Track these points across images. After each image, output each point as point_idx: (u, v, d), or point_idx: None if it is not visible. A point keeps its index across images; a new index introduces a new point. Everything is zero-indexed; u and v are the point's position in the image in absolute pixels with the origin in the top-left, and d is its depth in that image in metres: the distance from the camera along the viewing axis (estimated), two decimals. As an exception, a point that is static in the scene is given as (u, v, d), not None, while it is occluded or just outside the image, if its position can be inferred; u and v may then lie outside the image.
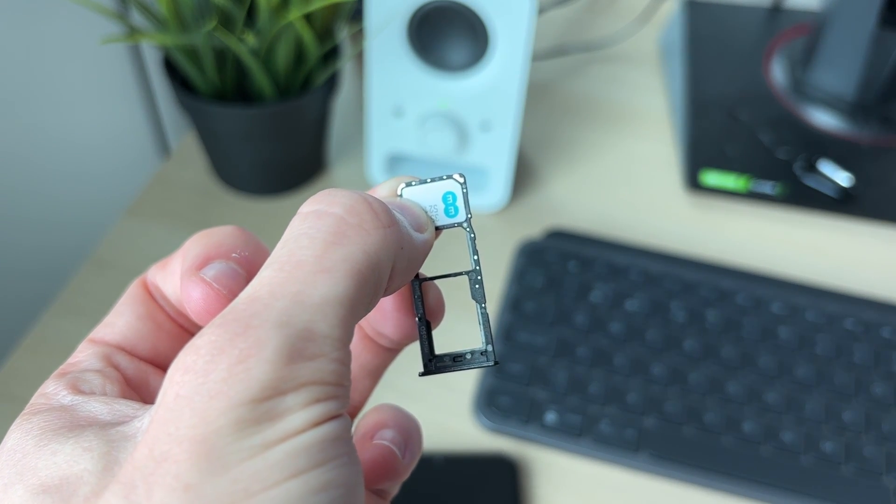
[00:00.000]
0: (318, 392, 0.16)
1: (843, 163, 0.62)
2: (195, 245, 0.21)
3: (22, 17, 0.54)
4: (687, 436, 0.47)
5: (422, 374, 0.21)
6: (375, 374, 0.24)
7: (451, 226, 0.21)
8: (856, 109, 0.65)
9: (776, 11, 0.75)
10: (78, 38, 0.59)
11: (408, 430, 0.23)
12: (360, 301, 0.17)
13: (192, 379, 0.15)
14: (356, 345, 0.23)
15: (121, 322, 0.21)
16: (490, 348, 0.21)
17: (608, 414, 0.48)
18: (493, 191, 0.59)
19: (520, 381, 0.49)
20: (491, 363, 0.21)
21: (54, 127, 0.60)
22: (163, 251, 0.58)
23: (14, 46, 0.54)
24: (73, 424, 0.17)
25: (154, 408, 0.16)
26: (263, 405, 0.15)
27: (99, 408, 0.18)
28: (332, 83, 0.56)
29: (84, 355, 0.20)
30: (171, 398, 0.15)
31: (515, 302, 0.53)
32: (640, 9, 0.77)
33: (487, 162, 0.58)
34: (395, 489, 0.23)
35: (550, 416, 0.48)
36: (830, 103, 0.66)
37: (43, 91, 0.58)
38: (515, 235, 0.58)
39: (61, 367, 0.20)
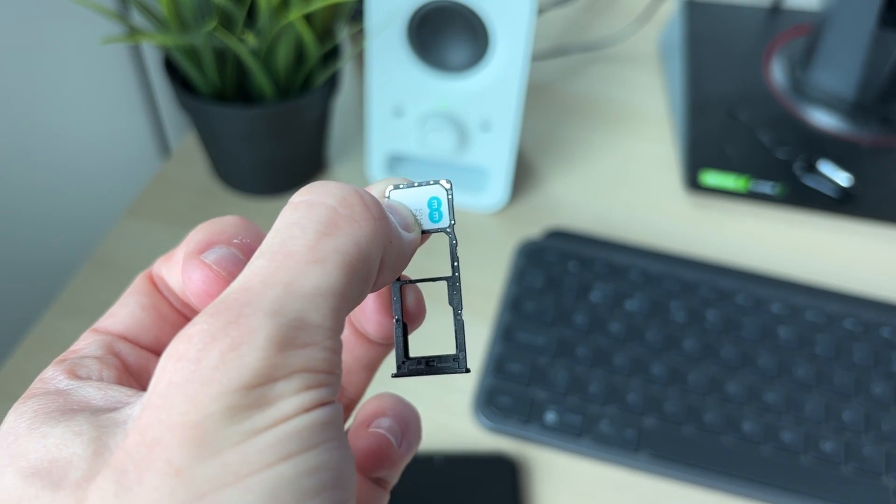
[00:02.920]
0: (309, 379, 0.16)
1: (843, 163, 0.62)
2: (198, 232, 0.21)
3: (22, 18, 0.54)
4: (687, 435, 0.48)
5: (394, 376, 0.22)
6: (370, 367, 0.24)
7: (435, 230, 0.22)
8: (855, 109, 0.65)
9: (776, 11, 0.75)
10: (78, 38, 0.59)
11: (406, 419, 0.23)
12: (350, 292, 0.18)
13: (184, 366, 0.16)
14: (351, 339, 0.23)
15: (124, 312, 0.22)
16: (462, 355, 0.21)
17: (608, 414, 0.48)
18: (493, 191, 0.59)
19: (520, 381, 0.49)
20: (462, 370, 0.21)
21: (55, 127, 0.60)
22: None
23: (14, 47, 0.54)
24: (66, 409, 0.18)
25: (146, 395, 0.16)
26: (255, 392, 0.15)
27: (93, 393, 0.18)
28: (332, 83, 0.56)
29: (85, 343, 0.21)
30: (163, 385, 0.16)
31: (515, 302, 0.53)
32: (640, 9, 0.77)
33: (487, 162, 0.58)
34: (394, 478, 0.23)
35: (550, 416, 0.48)
36: (830, 103, 0.66)
37: (43, 91, 0.58)
38: (515, 235, 0.58)
39: (62, 354, 0.20)
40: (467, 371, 0.21)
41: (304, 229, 0.18)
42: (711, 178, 0.62)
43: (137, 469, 0.15)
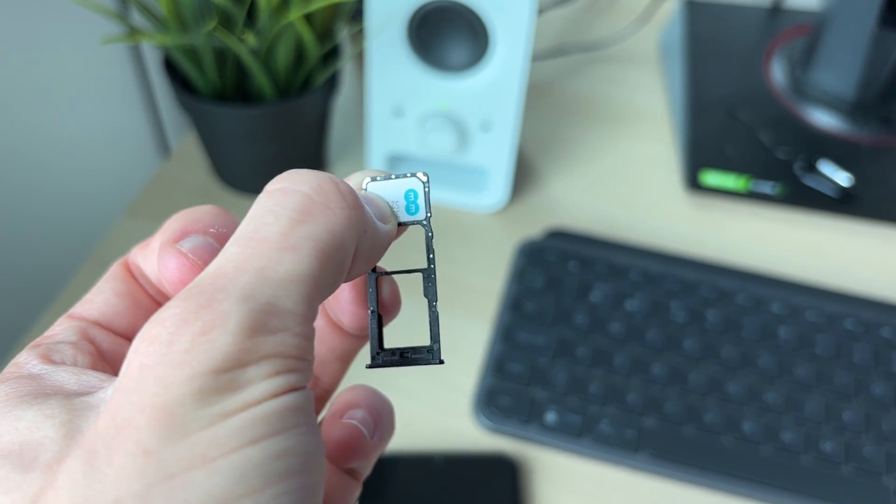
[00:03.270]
0: (279, 364, 0.16)
1: (843, 163, 0.62)
2: (174, 221, 0.21)
3: (22, 17, 0.54)
4: (687, 436, 0.47)
5: (368, 367, 0.22)
6: (345, 358, 0.24)
7: (412, 223, 0.22)
8: (856, 109, 0.65)
9: (776, 11, 0.75)
10: (78, 38, 0.59)
11: (379, 411, 0.23)
12: (323, 279, 0.18)
13: (156, 349, 0.16)
14: (326, 329, 0.23)
15: (99, 299, 0.22)
16: (436, 346, 0.22)
17: (608, 414, 0.48)
18: (493, 191, 0.59)
19: (520, 381, 0.49)
20: (436, 361, 0.22)
21: (54, 127, 0.60)
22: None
23: (14, 46, 0.54)
24: (39, 392, 0.18)
25: (119, 378, 0.16)
26: (225, 375, 0.15)
27: (66, 377, 0.18)
28: (332, 83, 0.56)
29: (60, 328, 0.21)
30: (135, 368, 0.16)
31: (515, 302, 0.53)
32: (640, 9, 0.77)
33: (487, 162, 0.58)
34: (366, 469, 0.23)
35: (550, 416, 0.48)
36: (830, 103, 0.66)
37: (43, 91, 0.58)
38: (515, 235, 0.58)
39: (36, 339, 0.20)
40: (441, 363, 0.22)
41: (277, 216, 0.18)
42: (711, 178, 0.62)
43: (107, 450, 0.15)
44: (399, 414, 0.52)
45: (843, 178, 0.61)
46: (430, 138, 0.56)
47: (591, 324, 0.52)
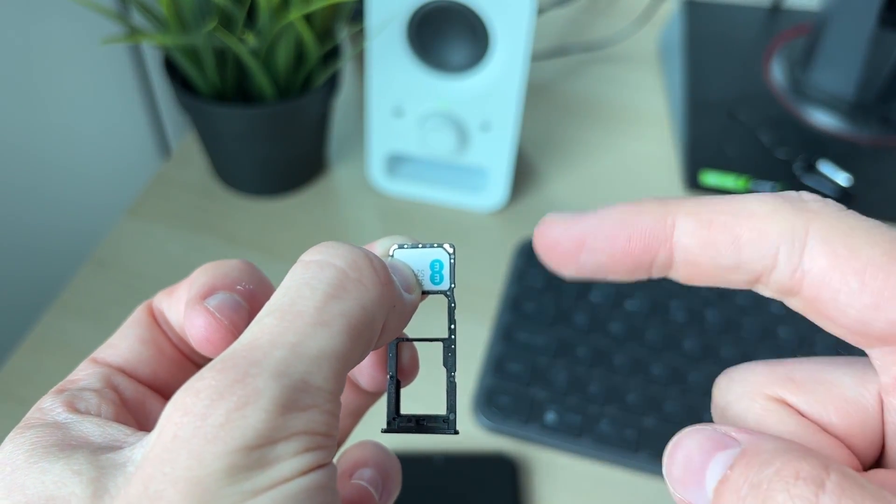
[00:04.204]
0: (308, 442, 0.16)
1: (843, 163, 0.62)
2: (202, 275, 0.21)
3: (22, 18, 0.54)
4: (687, 435, 0.48)
5: (384, 431, 0.22)
6: (357, 413, 0.25)
7: (436, 292, 0.22)
8: (855, 110, 0.65)
9: (776, 12, 0.75)
10: (78, 38, 0.59)
11: (386, 469, 0.23)
12: (353, 354, 0.18)
13: (190, 421, 0.16)
14: None
15: (124, 345, 0.22)
16: (452, 416, 0.22)
17: (608, 414, 0.48)
18: (493, 191, 0.59)
19: (520, 381, 0.49)
20: (451, 432, 0.22)
21: (55, 127, 0.60)
22: (163, 251, 0.58)
23: (14, 46, 0.54)
24: (65, 444, 0.18)
25: (150, 443, 0.16)
26: (256, 452, 0.16)
27: (92, 429, 0.18)
28: (332, 83, 0.56)
29: (84, 374, 0.21)
30: (168, 437, 0.16)
31: (515, 302, 0.53)
32: (640, 9, 0.77)
33: (487, 162, 0.58)
34: None
35: (550, 416, 0.48)
36: (830, 103, 0.66)
37: (43, 91, 0.58)
38: (515, 235, 0.59)
39: (60, 383, 0.20)
40: (456, 433, 0.22)
41: (313, 290, 0.18)
42: (711, 178, 0.62)
43: None
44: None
45: (842, 178, 0.61)
46: (430, 138, 0.56)
47: (590, 324, 0.52)
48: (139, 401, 0.21)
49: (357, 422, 0.25)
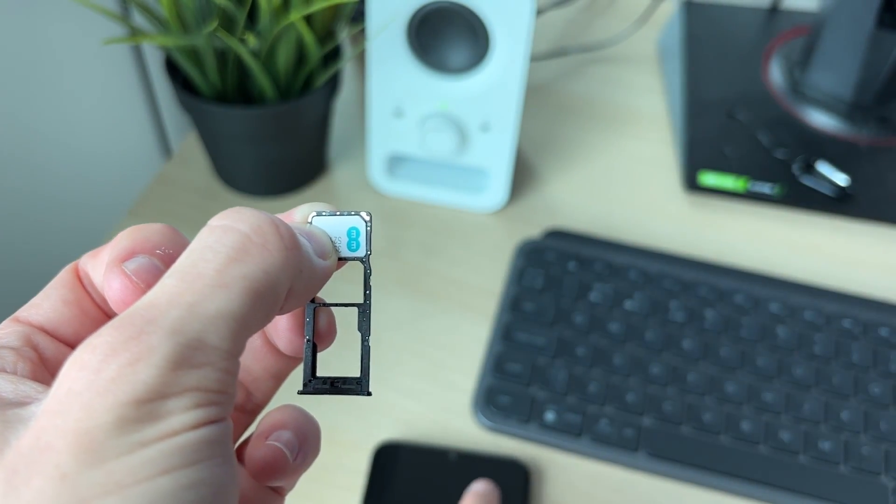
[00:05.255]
0: (200, 398, 0.17)
1: (841, 163, 0.62)
2: (124, 238, 0.21)
3: (24, 18, 0.54)
4: (685, 435, 0.48)
5: (300, 393, 0.23)
6: (279, 376, 0.25)
7: (352, 259, 0.23)
8: (853, 110, 0.66)
9: (774, 12, 0.75)
10: (80, 39, 0.59)
11: (305, 433, 0.23)
12: (253, 317, 0.18)
13: (84, 375, 0.16)
14: (262, 349, 0.24)
15: (46, 304, 0.22)
16: (364, 379, 0.23)
17: (607, 413, 0.48)
18: (493, 191, 0.60)
19: (519, 381, 0.50)
20: (364, 393, 0.23)
21: (56, 128, 0.60)
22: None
23: (16, 47, 0.55)
24: None
25: (47, 398, 0.17)
26: (146, 406, 0.16)
27: (4, 385, 0.19)
28: (332, 84, 0.56)
29: (4, 332, 0.21)
30: (63, 391, 0.16)
31: (515, 302, 0.53)
32: (639, 10, 0.77)
33: (487, 162, 0.58)
34: (290, 486, 0.24)
35: (550, 416, 0.48)
36: (828, 104, 0.66)
37: (45, 92, 0.58)
38: (515, 235, 0.59)
39: None
40: (368, 394, 0.23)
41: (215, 253, 0.18)
42: (710, 178, 0.62)
43: (27, 470, 0.16)
44: (399, 413, 0.52)
45: (841, 178, 0.62)
46: (429, 139, 0.56)
47: (590, 323, 0.52)
48: (59, 360, 0.21)
49: (279, 384, 0.25)
